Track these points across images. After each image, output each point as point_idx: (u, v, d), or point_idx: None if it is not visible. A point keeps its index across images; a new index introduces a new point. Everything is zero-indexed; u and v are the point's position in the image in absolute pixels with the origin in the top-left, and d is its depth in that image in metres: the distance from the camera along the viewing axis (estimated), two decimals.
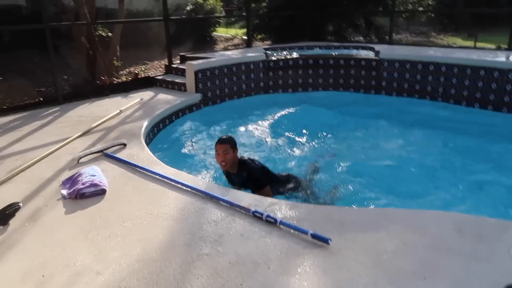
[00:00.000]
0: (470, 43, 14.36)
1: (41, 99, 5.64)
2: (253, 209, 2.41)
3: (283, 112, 5.81)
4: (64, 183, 2.93)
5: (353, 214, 2.43)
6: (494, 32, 14.44)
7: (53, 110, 5.16)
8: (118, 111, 4.86)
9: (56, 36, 6.72)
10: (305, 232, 2.15)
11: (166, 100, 5.50)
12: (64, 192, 2.78)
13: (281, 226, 2.26)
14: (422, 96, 6.15)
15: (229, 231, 2.25)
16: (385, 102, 6.27)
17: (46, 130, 4.31)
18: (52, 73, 5.63)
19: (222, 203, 2.56)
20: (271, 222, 2.29)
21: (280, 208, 2.48)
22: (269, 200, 2.60)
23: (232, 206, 2.50)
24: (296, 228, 2.20)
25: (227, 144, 3.16)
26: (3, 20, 9.03)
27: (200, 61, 6.18)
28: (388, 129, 4.97)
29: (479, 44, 13.68)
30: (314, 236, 2.12)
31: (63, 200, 2.71)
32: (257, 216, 2.35)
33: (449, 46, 12.36)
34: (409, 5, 14.23)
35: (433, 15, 17.65)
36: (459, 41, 15.54)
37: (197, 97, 5.82)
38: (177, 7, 14.96)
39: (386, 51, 6.73)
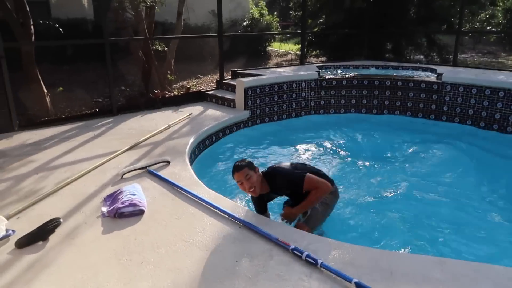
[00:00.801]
0: None
1: (97, 109, 5.85)
2: (292, 245, 2.23)
3: (333, 135, 5.58)
4: (105, 200, 2.93)
5: (405, 262, 2.16)
6: None
7: (107, 121, 5.32)
8: (167, 125, 4.91)
9: (115, 50, 7.00)
10: (349, 280, 1.94)
11: (214, 116, 5.48)
12: (104, 209, 2.76)
13: (322, 269, 2.05)
14: (488, 125, 5.63)
15: (265, 269, 2.09)
16: (446, 129, 5.79)
17: (97, 142, 4.42)
18: (109, 86, 5.84)
19: (261, 234, 2.40)
20: (311, 263, 2.09)
21: (322, 247, 2.27)
22: (311, 236, 2.40)
23: (271, 240, 2.33)
24: (338, 274, 1.99)
25: (244, 168, 2.72)
26: (71, 33, 9.63)
27: (250, 78, 6.12)
28: (451, 161, 4.51)
29: None
30: (358, 285, 1.90)
31: (102, 217, 2.69)
32: (296, 254, 2.17)
33: None
34: (477, 23, 13.34)
35: (503, 34, 16.44)
36: None
37: (246, 114, 5.75)
38: (233, 22, 15.22)
39: (450, 73, 6.27)
